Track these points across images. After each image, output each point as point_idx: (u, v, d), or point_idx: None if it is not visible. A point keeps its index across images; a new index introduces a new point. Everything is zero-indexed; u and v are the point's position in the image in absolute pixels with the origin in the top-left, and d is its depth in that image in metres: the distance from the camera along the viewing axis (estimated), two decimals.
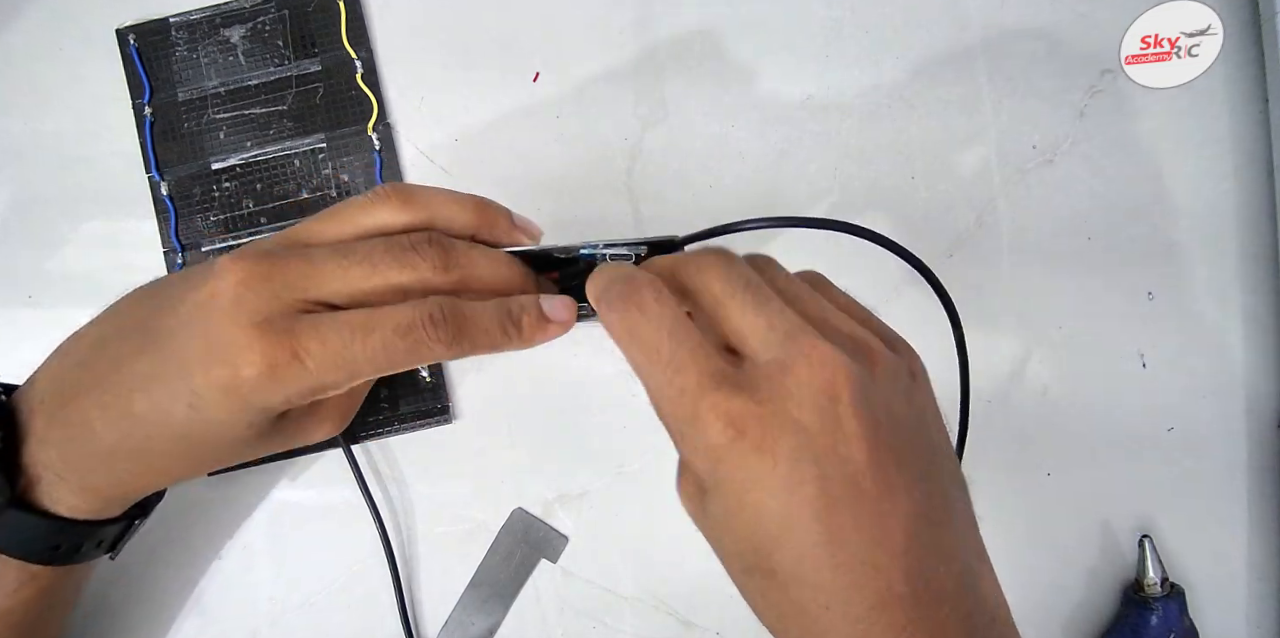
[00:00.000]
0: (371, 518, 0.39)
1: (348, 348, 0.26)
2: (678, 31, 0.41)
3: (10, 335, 0.41)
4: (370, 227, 0.28)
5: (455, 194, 0.29)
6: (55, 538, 0.29)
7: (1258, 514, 0.39)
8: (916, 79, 0.41)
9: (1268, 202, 0.39)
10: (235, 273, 0.26)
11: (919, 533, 0.22)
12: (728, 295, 0.24)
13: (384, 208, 0.28)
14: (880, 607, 0.22)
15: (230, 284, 0.26)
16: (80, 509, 0.29)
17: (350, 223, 0.28)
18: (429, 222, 0.28)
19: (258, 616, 0.40)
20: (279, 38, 0.41)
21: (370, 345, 0.26)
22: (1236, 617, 0.39)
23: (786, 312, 0.24)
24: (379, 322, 0.26)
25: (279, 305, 0.26)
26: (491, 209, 0.30)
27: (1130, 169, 0.40)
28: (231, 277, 0.26)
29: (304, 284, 0.27)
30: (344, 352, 0.26)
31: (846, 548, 0.22)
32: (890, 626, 0.22)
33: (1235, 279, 0.40)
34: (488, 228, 0.30)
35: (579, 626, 0.40)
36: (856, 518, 0.22)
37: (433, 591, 0.40)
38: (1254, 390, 0.39)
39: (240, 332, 0.26)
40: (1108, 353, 0.40)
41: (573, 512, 0.40)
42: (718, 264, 0.25)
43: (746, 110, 0.41)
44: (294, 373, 0.26)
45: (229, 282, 0.26)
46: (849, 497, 0.22)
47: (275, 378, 0.26)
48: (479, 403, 0.41)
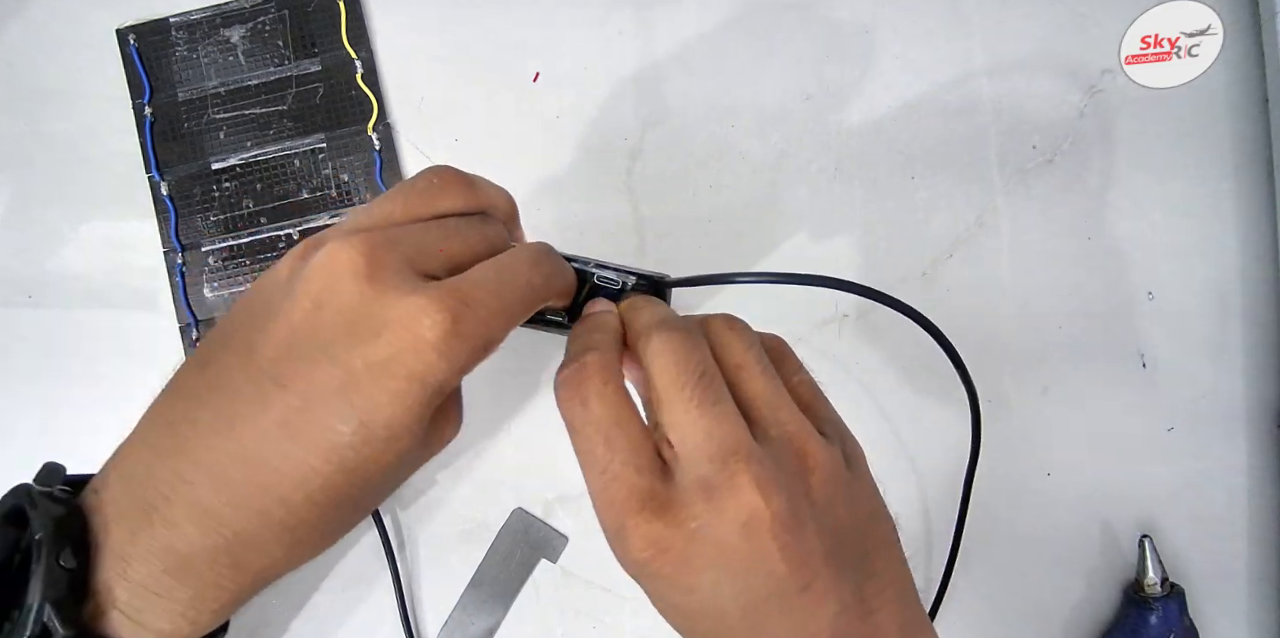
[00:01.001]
0: (372, 518, 0.39)
1: (502, 291, 0.24)
2: (678, 31, 0.41)
3: (10, 335, 0.41)
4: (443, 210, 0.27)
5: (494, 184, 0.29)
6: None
7: (1258, 514, 0.39)
8: (917, 79, 0.41)
9: (1268, 202, 0.39)
10: (355, 246, 0.23)
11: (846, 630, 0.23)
12: (678, 387, 0.24)
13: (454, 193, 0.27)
14: None
15: (355, 257, 0.22)
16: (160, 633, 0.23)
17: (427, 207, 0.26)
18: (486, 209, 0.28)
19: (257, 616, 0.40)
20: (279, 38, 0.41)
21: (516, 283, 0.25)
22: (1236, 617, 0.39)
23: (729, 420, 0.24)
24: (504, 262, 0.25)
25: (418, 268, 0.23)
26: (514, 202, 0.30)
27: (1130, 169, 0.40)
28: (352, 250, 0.22)
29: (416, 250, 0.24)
30: (500, 294, 0.24)
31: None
32: None
33: (1235, 279, 0.40)
34: (511, 219, 0.30)
35: (579, 626, 0.40)
36: (781, 614, 0.23)
37: (433, 591, 0.40)
38: (1254, 390, 0.39)
39: (392, 298, 0.22)
40: (1108, 353, 0.40)
41: (573, 512, 0.40)
42: (678, 346, 0.25)
43: (746, 110, 0.41)
44: (471, 327, 0.22)
45: (350, 255, 0.22)
46: (773, 598, 0.23)
47: (458, 335, 0.22)
48: (479, 403, 0.41)
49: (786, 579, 0.23)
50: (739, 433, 0.24)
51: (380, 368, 0.22)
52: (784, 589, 0.23)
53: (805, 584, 0.23)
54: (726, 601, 0.23)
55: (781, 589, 0.23)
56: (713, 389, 0.24)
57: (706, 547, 0.23)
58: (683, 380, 0.24)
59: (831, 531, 0.24)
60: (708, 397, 0.24)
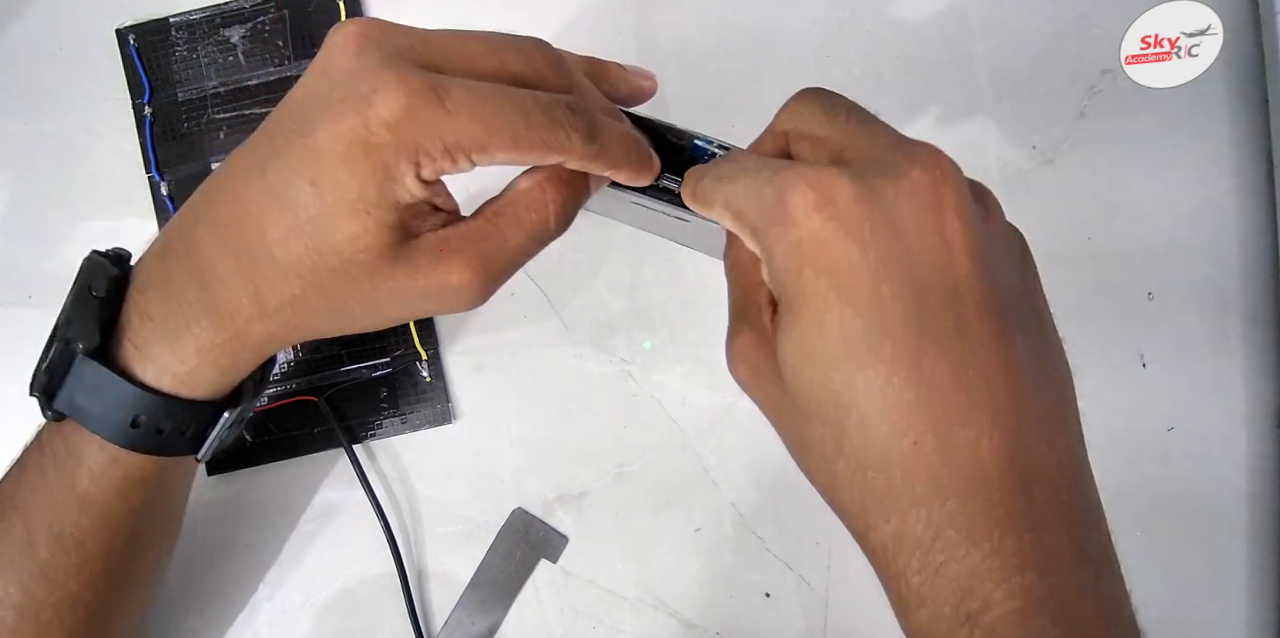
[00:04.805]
0: (376, 518, 0.39)
1: (490, 101, 0.23)
2: (678, 31, 0.41)
3: (10, 335, 0.41)
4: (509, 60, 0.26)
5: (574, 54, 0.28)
6: (134, 407, 0.27)
7: (1258, 515, 0.39)
8: (916, 79, 0.41)
9: (1268, 202, 0.39)
10: (352, 25, 0.24)
11: (1020, 381, 0.20)
12: (832, 116, 0.23)
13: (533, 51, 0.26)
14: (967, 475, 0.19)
15: (348, 35, 0.24)
16: (169, 372, 0.27)
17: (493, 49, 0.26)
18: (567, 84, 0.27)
19: (258, 616, 0.40)
20: (279, 38, 0.41)
21: (510, 107, 0.23)
22: (1237, 617, 0.39)
23: (894, 130, 0.22)
24: (519, 92, 0.24)
25: (411, 56, 0.24)
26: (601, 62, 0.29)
27: (1130, 169, 0.40)
28: (351, 27, 0.24)
29: (425, 48, 0.24)
30: (487, 103, 0.23)
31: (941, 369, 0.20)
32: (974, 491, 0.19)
33: (1235, 279, 0.40)
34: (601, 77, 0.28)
35: (579, 626, 0.40)
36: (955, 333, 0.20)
37: (433, 591, 0.40)
38: (1254, 390, 0.39)
39: (371, 70, 0.23)
40: (1108, 353, 0.40)
41: (573, 512, 0.40)
42: (820, 95, 0.24)
43: (747, 110, 0.41)
44: (430, 114, 0.22)
45: (346, 33, 0.24)
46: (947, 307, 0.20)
47: (411, 115, 0.22)
48: (479, 403, 0.41)
49: (964, 281, 0.20)
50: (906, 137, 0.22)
51: (335, 133, 0.23)
52: (959, 294, 0.20)
53: (981, 301, 0.20)
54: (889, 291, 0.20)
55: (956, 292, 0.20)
56: (869, 114, 0.23)
57: (881, 210, 0.20)
58: (837, 112, 0.23)
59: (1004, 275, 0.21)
60: (867, 117, 0.23)
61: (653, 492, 0.40)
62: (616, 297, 0.41)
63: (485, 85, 0.23)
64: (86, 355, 0.26)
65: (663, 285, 0.41)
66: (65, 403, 0.28)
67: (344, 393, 0.40)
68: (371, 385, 0.40)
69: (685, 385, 0.40)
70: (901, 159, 0.21)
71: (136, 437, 0.28)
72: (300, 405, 0.40)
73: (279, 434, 0.40)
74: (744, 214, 0.22)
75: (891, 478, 0.20)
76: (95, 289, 0.27)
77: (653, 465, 0.40)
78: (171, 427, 0.28)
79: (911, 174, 0.20)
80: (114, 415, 0.27)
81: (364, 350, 0.40)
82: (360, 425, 0.40)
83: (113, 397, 0.27)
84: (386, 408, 0.40)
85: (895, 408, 0.20)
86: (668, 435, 0.40)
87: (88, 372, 0.27)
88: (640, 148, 0.26)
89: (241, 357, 0.27)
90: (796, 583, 0.39)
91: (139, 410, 0.27)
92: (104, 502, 0.29)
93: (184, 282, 0.26)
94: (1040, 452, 0.20)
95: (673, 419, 0.40)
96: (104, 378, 0.27)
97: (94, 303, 0.27)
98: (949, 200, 0.20)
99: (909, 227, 0.20)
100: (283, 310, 0.26)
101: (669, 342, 0.41)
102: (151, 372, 0.27)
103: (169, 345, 0.26)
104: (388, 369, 0.40)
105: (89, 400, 0.27)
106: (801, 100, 0.24)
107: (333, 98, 0.23)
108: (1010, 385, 0.20)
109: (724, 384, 0.40)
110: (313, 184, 0.23)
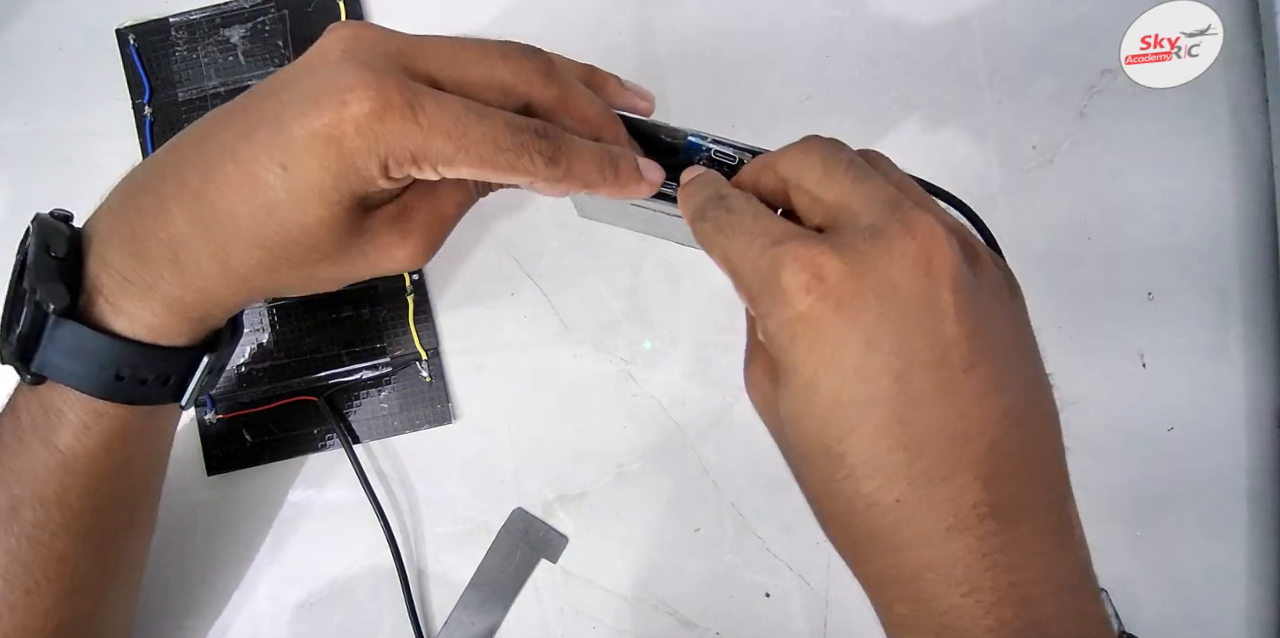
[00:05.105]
0: (376, 518, 0.39)
1: (460, 120, 0.24)
2: (678, 31, 0.41)
3: None
4: None
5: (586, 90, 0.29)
6: (115, 361, 0.27)
7: (1258, 514, 0.39)
8: (916, 79, 0.41)
9: (1268, 202, 0.39)
10: (347, 27, 0.25)
11: (1006, 435, 0.21)
12: (830, 171, 0.23)
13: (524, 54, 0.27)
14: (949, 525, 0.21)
15: (341, 36, 0.25)
16: (142, 323, 0.27)
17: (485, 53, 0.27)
18: None
19: (258, 616, 0.40)
20: (279, 38, 0.41)
21: (481, 129, 0.24)
22: (1237, 617, 0.39)
23: (890, 187, 0.23)
24: (492, 112, 0.25)
25: (394, 63, 0.25)
26: (602, 72, 0.30)
27: (1130, 169, 0.40)
28: (345, 30, 0.25)
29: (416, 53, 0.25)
30: (458, 122, 0.24)
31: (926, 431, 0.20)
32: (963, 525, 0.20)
33: (1235, 279, 0.40)
34: (599, 85, 0.29)
35: (579, 626, 0.40)
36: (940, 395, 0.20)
37: (433, 591, 0.40)
38: (1254, 390, 0.39)
39: (353, 71, 0.24)
40: (1108, 353, 0.40)
41: (573, 512, 0.40)
42: (821, 147, 0.25)
43: (747, 110, 0.41)
44: (402, 125, 0.24)
45: (339, 34, 0.25)
46: (934, 369, 0.20)
47: (383, 123, 0.23)
48: (479, 403, 0.41)
49: (954, 347, 0.21)
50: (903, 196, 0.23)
51: (309, 127, 0.24)
52: (948, 359, 0.21)
53: (971, 364, 0.21)
54: (878, 363, 0.21)
55: (945, 358, 0.21)
56: (867, 170, 0.24)
57: (872, 288, 0.21)
58: (835, 165, 0.24)
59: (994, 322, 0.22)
60: (864, 174, 0.23)
61: (653, 492, 0.40)
62: (616, 297, 0.41)
63: (460, 103, 0.24)
64: (60, 316, 0.26)
65: (663, 285, 0.41)
66: (44, 365, 0.27)
67: (344, 393, 0.40)
68: (371, 385, 0.40)
69: (685, 385, 0.40)
70: (895, 225, 0.21)
71: (121, 389, 0.28)
72: (300, 405, 0.40)
73: (279, 434, 0.40)
74: (739, 275, 0.23)
75: (876, 526, 0.21)
76: (55, 250, 0.26)
77: (653, 465, 0.40)
78: (154, 376, 0.29)
79: (903, 243, 0.21)
80: (97, 371, 0.27)
81: (364, 350, 0.41)
82: (360, 425, 0.40)
83: (94, 353, 0.27)
84: (386, 408, 0.40)
85: (882, 469, 0.21)
86: (668, 436, 0.40)
87: (64, 332, 0.27)
88: (619, 165, 0.27)
89: (211, 313, 0.29)
90: (796, 583, 0.39)
91: (121, 363, 0.27)
92: (88, 458, 0.29)
93: (147, 237, 0.26)
94: (1022, 493, 0.21)
95: (673, 419, 0.40)
96: (83, 336, 0.27)
97: (53, 264, 0.26)
98: (940, 269, 0.21)
99: (900, 297, 0.21)
100: (249, 277, 0.27)
101: (669, 342, 0.41)
102: (125, 324, 0.27)
103: (139, 299, 0.27)
104: (388, 369, 0.40)
105: (69, 360, 0.27)
106: (804, 150, 0.25)
107: (312, 90, 0.24)
108: (994, 437, 0.21)
109: (724, 384, 0.40)
110: (284, 168, 0.24)
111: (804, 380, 0.22)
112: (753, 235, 0.23)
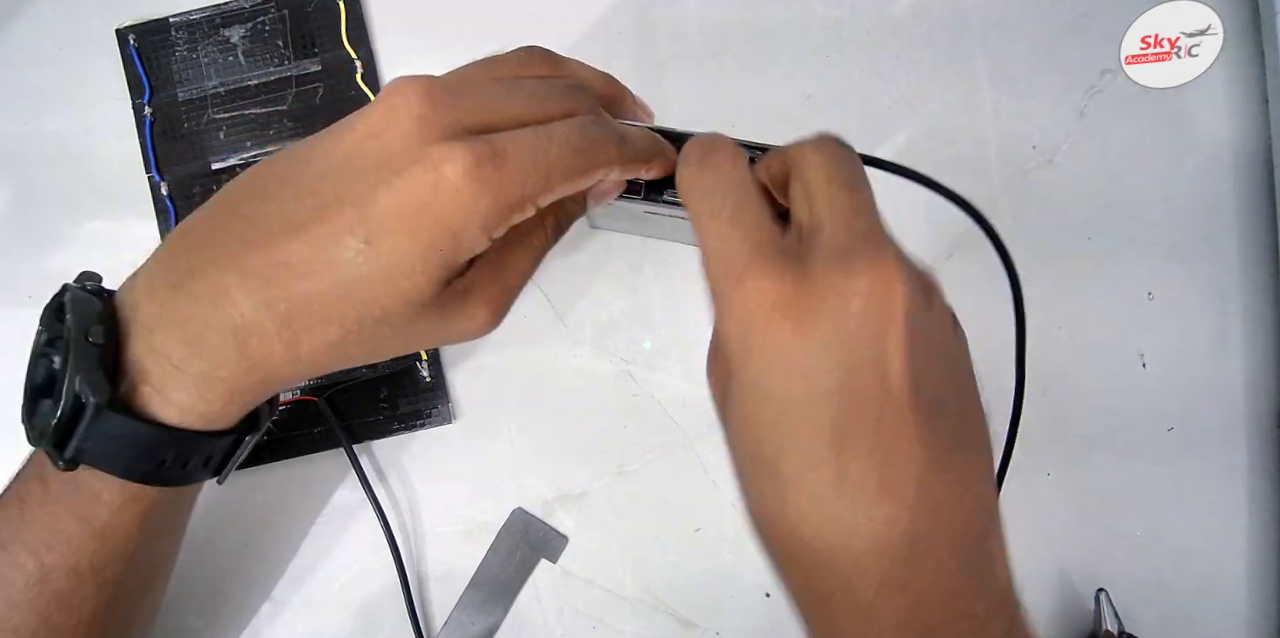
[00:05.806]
0: (376, 518, 0.39)
1: (540, 150, 0.24)
2: (678, 31, 0.41)
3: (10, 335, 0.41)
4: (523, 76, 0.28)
5: (588, 65, 0.29)
6: (160, 451, 0.26)
7: (1258, 514, 0.39)
8: (916, 79, 0.41)
9: (1268, 202, 0.39)
10: (416, 90, 0.24)
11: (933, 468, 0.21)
12: (828, 178, 0.24)
13: (536, 67, 0.28)
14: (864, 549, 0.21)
15: (413, 101, 0.24)
16: (194, 412, 0.26)
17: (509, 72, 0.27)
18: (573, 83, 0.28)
19: (258, 616, 0.40)
20: (279, 38, 0.41)
21: (558, 148, 0.24)
22: (1236, 617, 0.39)
23: (877, 216, 0.23)
24: (555, 128, 0.25)
25: (466, 122, 0.24)
26: (619, 83, 0.30)
27: (1130, 169, 0.40)
28: (412, 94, 0.24)
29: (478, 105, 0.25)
30: (539, 154, 0.24)
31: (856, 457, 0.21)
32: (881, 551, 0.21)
33: (1235, 279, 0.40)
34: (616, 99, 0.30)
35: (579, 626, 0.40)
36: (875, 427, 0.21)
37: (433, 591, 0.40)
38: (1254, 390, 0.39)
39: (434, 140, 0.23)
40: (1108, 353, 0.40)
41: (573, 512, 0.40)
42: (835, 150, 0.25)
43: (747, 110, 0.41)
44: (497, 177, 0.23)
45: (409, 99, 0.24)
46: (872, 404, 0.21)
47: (480, 181, 0.23)
48: (479, 403, 0.41)
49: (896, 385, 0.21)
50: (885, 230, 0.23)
51: (398, 200, 0.23)
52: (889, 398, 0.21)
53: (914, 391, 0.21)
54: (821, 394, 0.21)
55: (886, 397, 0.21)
56: (864, 190, 0.24)
57: (826, 313, 0.21)
58: (835, 175, 0.24)
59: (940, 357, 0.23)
60: (859, 192, 0.24)
61: (653, 492, 0.40)
62: (616, 297, 0.41)
63: (528, 134, 0.25)
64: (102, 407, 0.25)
65: (663, 285, 0.41)
66: (81, 452, 0.26)
67: (344, 393, 0.40)
68: (371, 385, 0.40)
69: (685, 385, 0.40)
70: (861, 262, 0.22)
71: (163, 474, 0.27)
72: (300, 405, 0.40)
73: (279, 434, 0.40)
74: (709, 261, 0.24)
75: (800, 544, 0.22)
76: (93, 336, 0.25)
77: (653, 465, 0.40)
78: (196, 460, 0.28)
79: (863, 281, 0.21)
80: (138, 460, 0.26)
81: None
82: (360, 425, 0.40)
83: (137, 443, 0.26)
84: (386, 408, 0.40)
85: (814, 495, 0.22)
86: (668, 436, 0.40)
87: (107, 423, 0.25)
88: (658, 139, 0.28)
89: (268, 393, 0.28)
90: None
91: (164, 451, 0.27)
92: (124, 533, 0.28)
93: (206, 325, 0.25)
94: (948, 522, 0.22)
95: (673, 419, 0.40)
96: (128, 428, 0.26)
97: (94, 352, 0.25)
98: (894, 310, 0.21)
99: (852, 329, 0.21)
100: (317, 354, 0.26)
101: (669, 342, 0.41)
102: (175, 413, 0.26)
103: (195, 389, 0.26)
104: (388, 369, 0.40)
105: (109, 447, 0.26)
106: (816, 149, 0.25)
107: (394, 163, 0.24)
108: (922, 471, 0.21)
109: None
110: (367, 243, 0.24)
111: (749, 385, 0.23)
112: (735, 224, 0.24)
